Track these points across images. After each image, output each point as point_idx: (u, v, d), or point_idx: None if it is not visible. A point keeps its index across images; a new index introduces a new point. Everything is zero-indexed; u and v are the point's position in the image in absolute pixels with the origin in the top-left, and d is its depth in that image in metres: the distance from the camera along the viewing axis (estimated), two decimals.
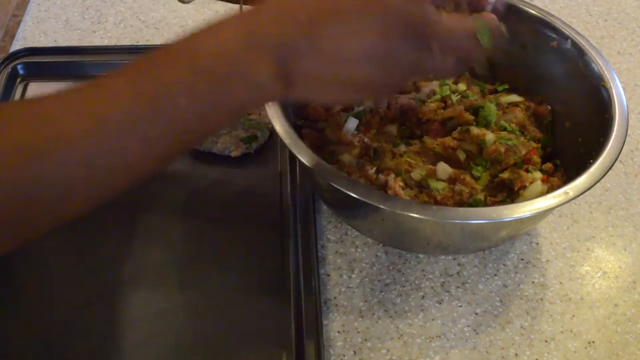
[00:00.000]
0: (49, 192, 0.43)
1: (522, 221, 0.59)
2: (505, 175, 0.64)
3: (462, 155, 0.66)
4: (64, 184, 0.44)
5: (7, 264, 0.64)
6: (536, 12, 0.71)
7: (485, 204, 0.62)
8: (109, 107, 0.44)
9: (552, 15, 0.71)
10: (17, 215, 0.43)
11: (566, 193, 0.56)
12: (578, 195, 0.56)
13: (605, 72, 0.66)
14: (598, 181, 0.57)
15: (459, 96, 0.71)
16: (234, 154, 0.74)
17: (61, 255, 0.65)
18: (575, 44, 0.69)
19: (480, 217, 0.56)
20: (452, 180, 0.63)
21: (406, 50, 0.47)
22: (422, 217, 0.55)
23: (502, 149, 0.64)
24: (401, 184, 0.62)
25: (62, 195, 0.44)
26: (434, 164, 0.65)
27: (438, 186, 0.63)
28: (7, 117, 0.44)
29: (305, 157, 0.58)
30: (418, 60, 0.48)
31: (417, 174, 0.63)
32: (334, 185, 0.56)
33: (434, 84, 0.72)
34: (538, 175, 0.64)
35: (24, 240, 0.46)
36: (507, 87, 0.74)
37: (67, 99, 0.45)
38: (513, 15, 0.72)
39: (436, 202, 0.61)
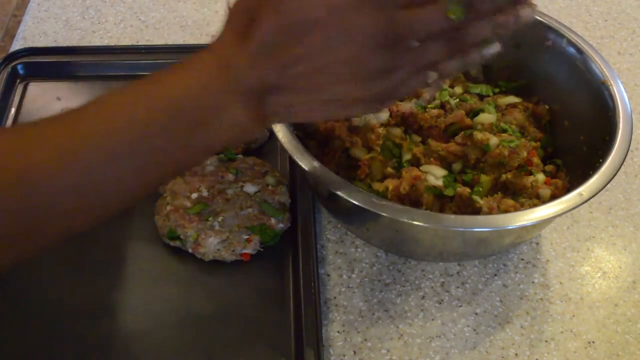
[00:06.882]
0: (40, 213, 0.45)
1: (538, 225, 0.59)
2: (509, 176, 0.63)
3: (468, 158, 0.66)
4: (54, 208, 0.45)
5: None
6: None
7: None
8: (83, 144, 0.45)
9: (547, 15, 0.71)
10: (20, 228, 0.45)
11: (580, 194, 0.56)
12: (592, 197, 0.56)
13: (605, 70, 0.66)
14: (609, 181, 0.57)
15: (457, 100, 0.70)
16: None
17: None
18: (570, 43, 0.69)
19: (486, 224, 0.56)
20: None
21: (383, 57, 0.45)
22: (423, 224, 0.55)
23: (506, 152, 0.64)
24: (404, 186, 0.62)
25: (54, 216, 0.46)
26: (441, 165, 0.65)
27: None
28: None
29: (305, 163, 0.58)
30: (395, 62, 0.46)
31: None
32: (335, 192, 0.56)
33: (434, 90, 0.72)
34: (541, 177, 0.64)
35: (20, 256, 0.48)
36: (503, 88, 0.74)
37: (44, 129, 0.46)
38: None
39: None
